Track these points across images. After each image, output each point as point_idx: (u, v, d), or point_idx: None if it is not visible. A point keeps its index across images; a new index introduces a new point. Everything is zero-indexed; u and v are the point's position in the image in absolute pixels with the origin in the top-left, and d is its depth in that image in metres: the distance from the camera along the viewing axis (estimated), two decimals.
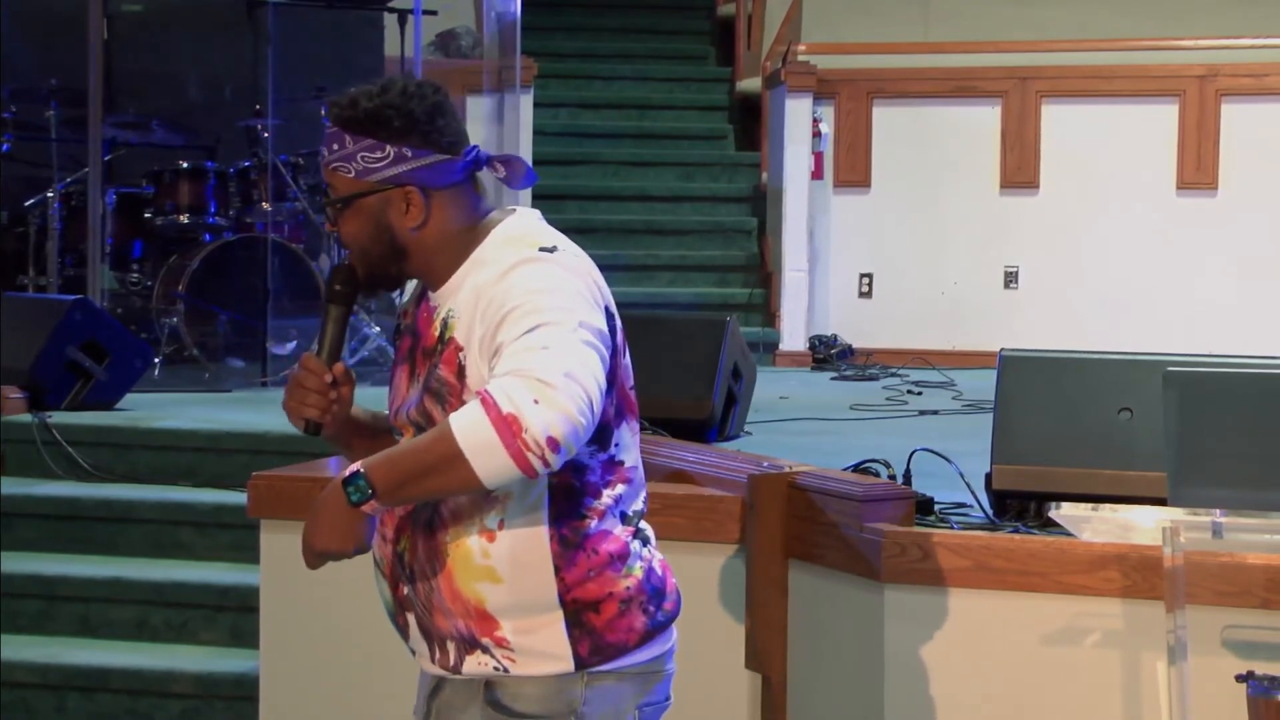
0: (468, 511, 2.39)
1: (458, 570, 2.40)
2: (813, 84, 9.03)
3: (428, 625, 2.46)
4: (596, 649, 2.40)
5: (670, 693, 2.53)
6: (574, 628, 2.40)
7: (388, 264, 2.46)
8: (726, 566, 3.77)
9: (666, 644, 2.50)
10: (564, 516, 2.39)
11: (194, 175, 7.56)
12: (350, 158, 2.41)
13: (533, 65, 8.92)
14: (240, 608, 5.06)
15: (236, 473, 5.33)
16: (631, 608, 2.43)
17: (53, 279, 7.47)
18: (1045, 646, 3.29)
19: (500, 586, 2.39)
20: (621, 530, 2.44)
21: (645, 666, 2.46)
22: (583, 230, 9.32)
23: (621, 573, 2.42)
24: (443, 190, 2.43)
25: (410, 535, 2.45)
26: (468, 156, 2.45)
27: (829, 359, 8.70)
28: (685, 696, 3.77)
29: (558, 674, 2.40)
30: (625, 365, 2.48)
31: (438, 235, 2.44)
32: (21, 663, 5.11)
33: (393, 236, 2.43)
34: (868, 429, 5.88)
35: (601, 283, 2.42)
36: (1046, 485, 3.51)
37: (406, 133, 2.40)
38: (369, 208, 2.43)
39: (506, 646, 2.40)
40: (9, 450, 5.94)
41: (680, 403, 4.80)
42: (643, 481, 2.52)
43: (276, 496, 4.09)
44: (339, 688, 3.97)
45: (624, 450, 2.47)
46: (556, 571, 2.38)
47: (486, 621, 2.40)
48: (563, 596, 2.39)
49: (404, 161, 2.41)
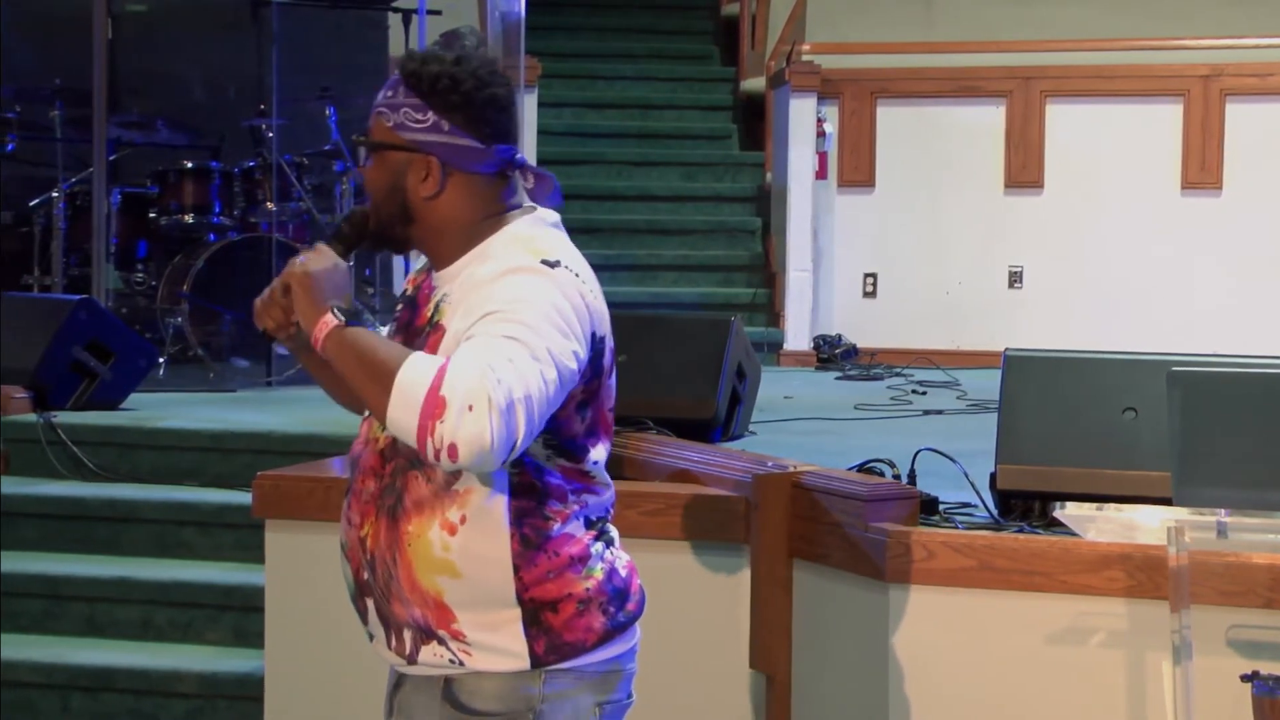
0: (430, 503, 2.39)
1: (417, 561, 2.40)
2: (817, 84, 9.03)
3: (385, 612, 2.46)
4: (553, 648, 2.41)
5: (632, 690, 2.53)
6: (531, 626, 2.40)
7: (395, 224, 2.48)
8: (731, 566, 3.77)
9: (629, 643, 2.51)
10: (526, 516, 2.39)
11: (198, 175, 7.57)
12: (395, 108, 2.44)
13: (537, 65, 8.92)
14: (244, 607, 5.06)
15: (241, 472, 5.34)
16: (590, 608, 2.43)
17: (57, 279, 7.48)
18: (1050, 646, 3.29)
19: (459, 581, 2.39)
20: (584, 534, 2.45)
21: (605, 666, 2.47)
22: (587, 230, 9.34)
23: (581, 574, 2.43)
24: (465, 174, 2.45)
25: (374, 521, 2.45)
26: (501, 154, 2.45)
27: (833, 359, 8.70)
28: (689, 696, 3.79)
29: (514, 671, 2.40)
30: (609, 386, 2.49)
31: (448, 213, 2.45)
32: (26, 662, 5.11)
33: (405, 198, 2.46)
34: (872, 429, 5.88)
35: (595, 303, 2.42)
36: (1051, 485, 3.51)
37: (453, 109, 2.42)
38: (393, 162, 2.46)
39: (463, 640, 2.41)
40: (14, 450, 5.94)
41: (684, 402, 4.80)
42: (612, 496, 2.53)
43: (281, 496, 4.09)
44: (343, 688, 3.97)
45: (598, 469, 2.48)
46: (515, 570, 2.39)
47: (444, 613, 2.40)
48: (520, 595, 2.39)
49: (438, 133, 2.42)
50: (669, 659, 3.71)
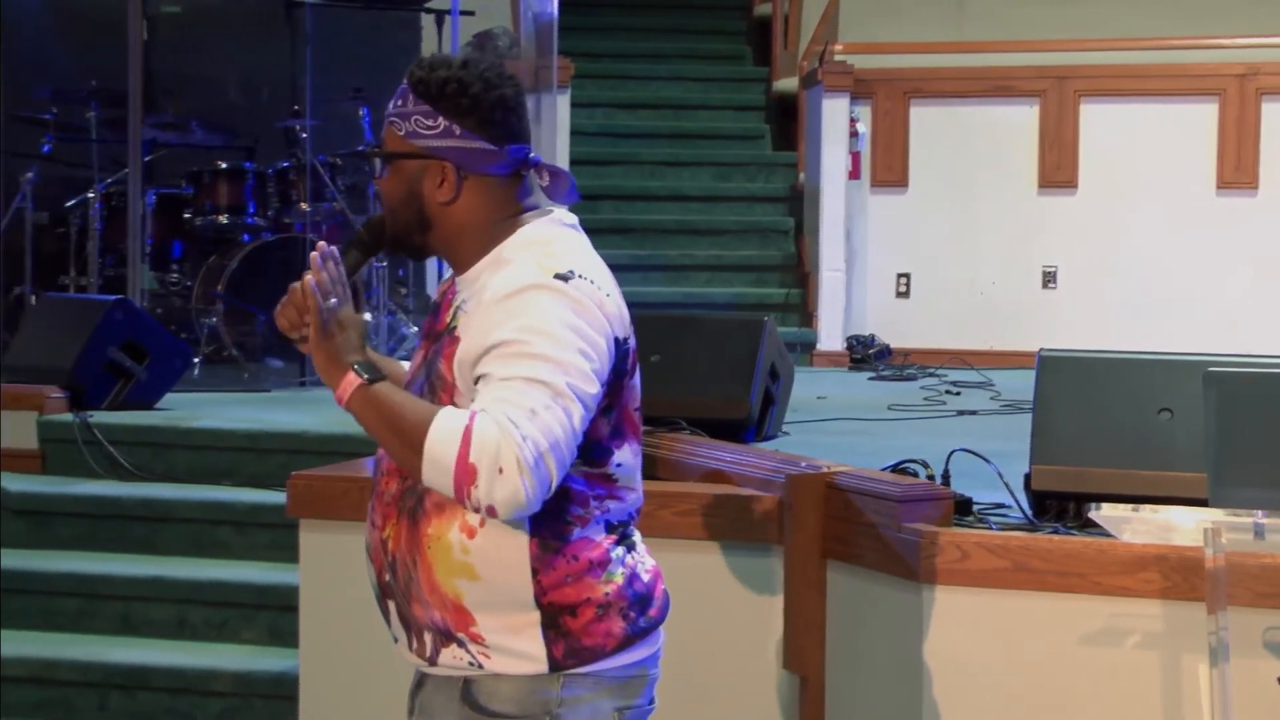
0: (450, 506, 2.39)
1: (437, 563, 2.41)
2: (849, 84, 9.02)
3: (406, 614, 2.47)
4: (571, 652, 2.41)
5: (654, 696, 2.53)
6: (549, 630, 2.40)
7: (412, 231, 2.50)
8: (764, 567, 3.77)
9: (652, 648, 2.51)
10: (545, 520, 2.39)
11: (233, 176, 7.60)
12: (406, 117, 2.46)
13: (569, 65, 8.92)
14: (279, 607, 5.08)
15: (275, 472, 5.35)
16: (610, 613, 2.43)
17: (93, 279, 7.52)
18: (1084, 648, 3.28)
19: (478, 584, 2.40)
20: (603, 537, 2.45)
21: (627, 671, 2.46)
22: (619, 230, 9.36)
23: (601, 579, 2.43)
24: (480, 177, 2.45)
25: (396, 523, 2.46)
26: (514, 154, 2.46)
27: (866, 359, 8.69)
28: (722, 696, 3.79)
29: (533, 674, 2.41)
30: (633, 386, 2.49)
31: (464, 218, 2.46)
32: (63, 661, 5.14)
33: (421, 205, 2.47)
34: (905, 429, 5.87)
35: (612, 308, 2.41)
36: (1086, 486, 3.50)
37: (464, 113, 2.43)
38: (407, 170, 2.47)
39: (481, 643, 2.41)
40: (50, 450, 5.98)
41: (717, 403, 4.80)
42: (639, 498, 2.53)
43: (315, 496, 4.11)
44: (377, 686, 3.98)
45: (623, 471, 2.48)
46: (534, 574, 2.39)
47: (463, 616, 2.41)
48: (539, 599, 2.40)
49: (450, 137, 2.44)
50: (701, 660, 3.72)
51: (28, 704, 5.13)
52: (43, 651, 5.19)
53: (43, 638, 5.30)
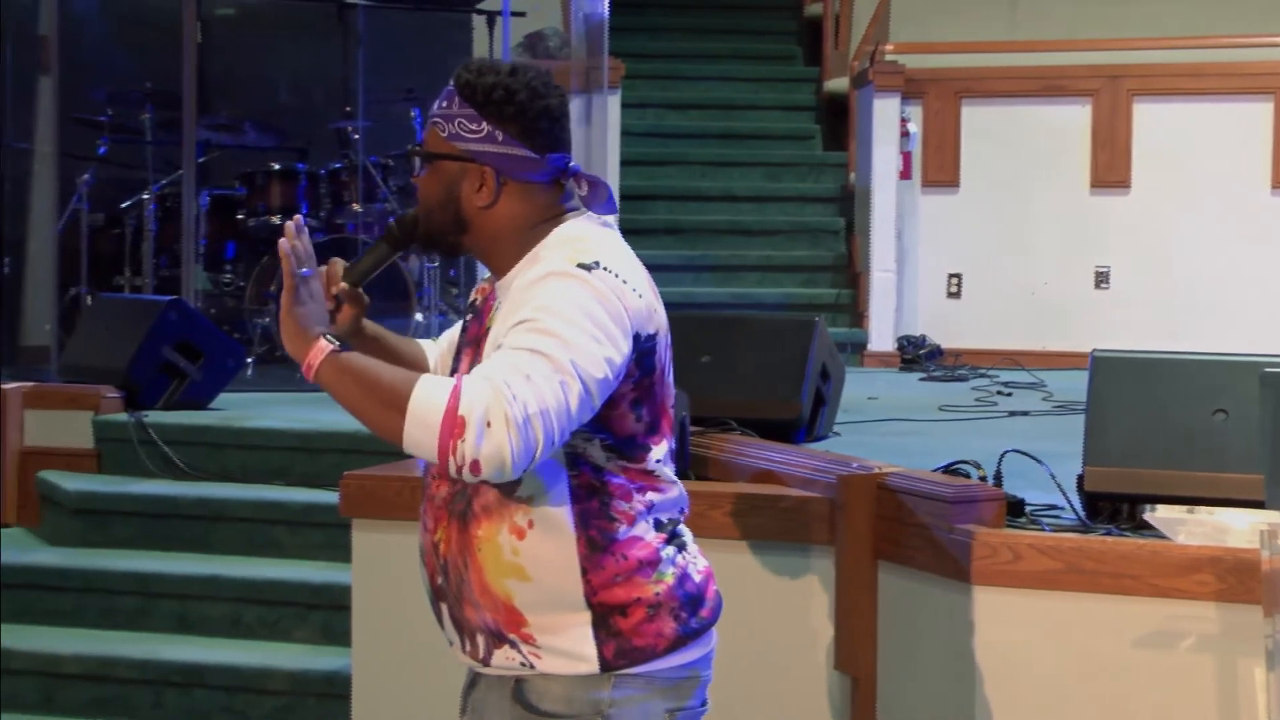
0: (498, 508, 2.41)
1: (488, 565, 2.42)
2: (900, 83, 8.99)
3: (459, 616, 2.49)
4: (622, 652, 2.41)
5: (707, 697, 2.53)
6: (600, 630, 2.41)
7: (448, 232, 2.51)
8: (815, 567, 3.77)
9: (703, 649, 2.51)
10: (591, 518, 2.40)
11: (285, 177, 7.65)
12: (450, 119, 2.47)
13: (620, 66, 8.93)
14: (332, 606, 5.10)
15: (327, 472, 5.38)
16: (660, 613, 2.44)
17: (148, 280, 7.58)
18: (1138, 650, 3.26)
19: (528, 584, 2.41)
20: (653, 536, 2.45)
21: (680, 672, 2.47)
22: (670, 231, 9.36)
23: (651, 578, 2.43)
24: (519, 184, 2.47)
25: (446, 525, 2.48)
26: (555, 163, 2.47)
27: (917, 359, 8.66)
28: (774, 697, 3.79)
29: (583, 674, 2.41)
30: (668, 384, 2.49)
31: (502, 223, 2.47)
32: (121, 658, 5.19)
33: (459, 208, 2.48)
34: (957, 430, 5.85)
35: (638, 303, 2.40)
36: (1139, 487, 3.48)
37: (508, 120, 2.45)
38: (447, 172, 2.49)
39: (533, 643, 2.42)
40: (106, 449, 6.03)
41: (768, 403, 4.79)
42: (683, 495, 2.53)
43: (368, 496, 4.13)
44: (429, 686, 3.99)
45: (660, 468, 2.48)
46: (583, 574, 2.40)
47: (514, 617, 2.42)
48: (589, 599, 2.40)
49: (493, 143, 2.45)
50: (752, 660, 3.72)
51: (85, 701, 5.18)
52: (101, 649, 5.24)
53: (101, 635, 5.35)
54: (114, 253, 7.77)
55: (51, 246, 7.59)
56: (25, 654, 5.25)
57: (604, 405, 2.37)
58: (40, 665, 5.23)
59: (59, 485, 5.90)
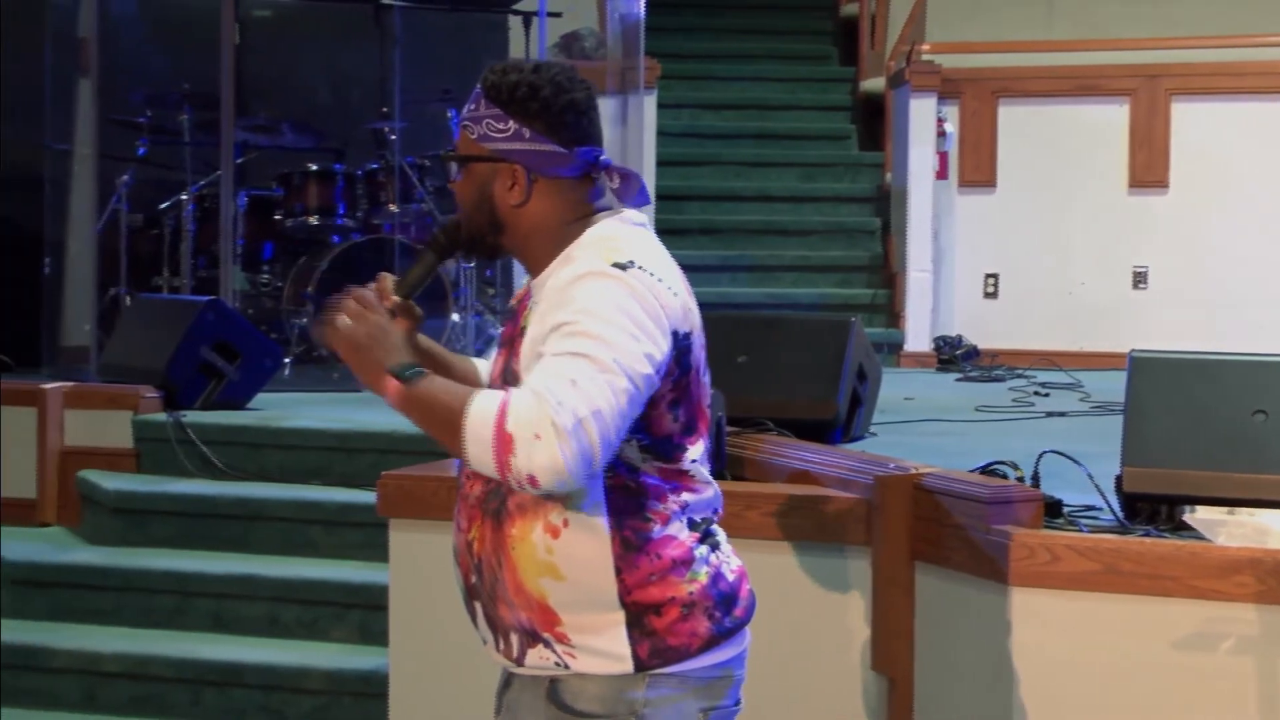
0: (533, 506, 2.41)
1: (522, 564, 2.43)
2: (937, 83, 8.97)
3: (493, 615, 2.49)
4: (656, 652, 2.42)
5: (740, 697, 2.53)
6: (634, 629, 2.41)
7: (485, 232, 2.52)
8: (851, 568, 3.76)
9: (738, 648, 2.51)
10: (626, 517, 2.41)
11: (322, 177, 7.67)
12: (478, 120, 2.49)
13: (656, 66, 8.93)
14: (369, 605, 5.11)
15: (365, 472, 5.40)
16: (695, 613, 2.44)
17: (186, 280, 7.61)
18: (1177, 652, 3.25)
19: (562, 583, 2.41)
20: (687, 536, 2.45)
21: (713, 672, 2.47)
22: (705, 231, 9.36)
23: (685, 578, 2.43)
24: (550, 180, 2.48)
25: (480, 525, 2.48)
26: (584, 157, 2.48)
27: (954, 360, 8.64)
28: (810, 697, 3.78)
29: (618, 674, 2.41)
30: (704, 384, 2.49)
31: (536, 220, 2.48)
32: (158, 657, 5.21)
33: (493, 208, 2.50)
34: (994, 431, 5.83)
35: (674, 301, 2.40)
36: (1178, 488, 3.46)
37: (534, 116, 2.46)
38: (479, 174, 2.50)
39: (567, 643, 2.42)
40: (145, 449, 6.06)
41: (805, 403, 4.79)
42: (717, 495, 2.53)
43: (405, 496, 4.14)
44: (466, 685, 4.00)
45: (695, 467, 2.48)
46: (618, 573, 2.40)
47: (548, 616, 2.42)
48: (623, 598, 2.41)
49: (521, 140, 2.46)
50: (788, 661, 3.72)
51: (124, 699, 5.21)
52: (139, 648, 5.26)
53: (139, 634, 5.38)
54: (152, 253, 7.81)
55: (91, 247, 7.62)
56: (66, 652, 5.28)
57: (643, 408, 2.37)
58: (81, 664, 5.26)
59: (99, 485, 5.93)
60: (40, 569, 5.66)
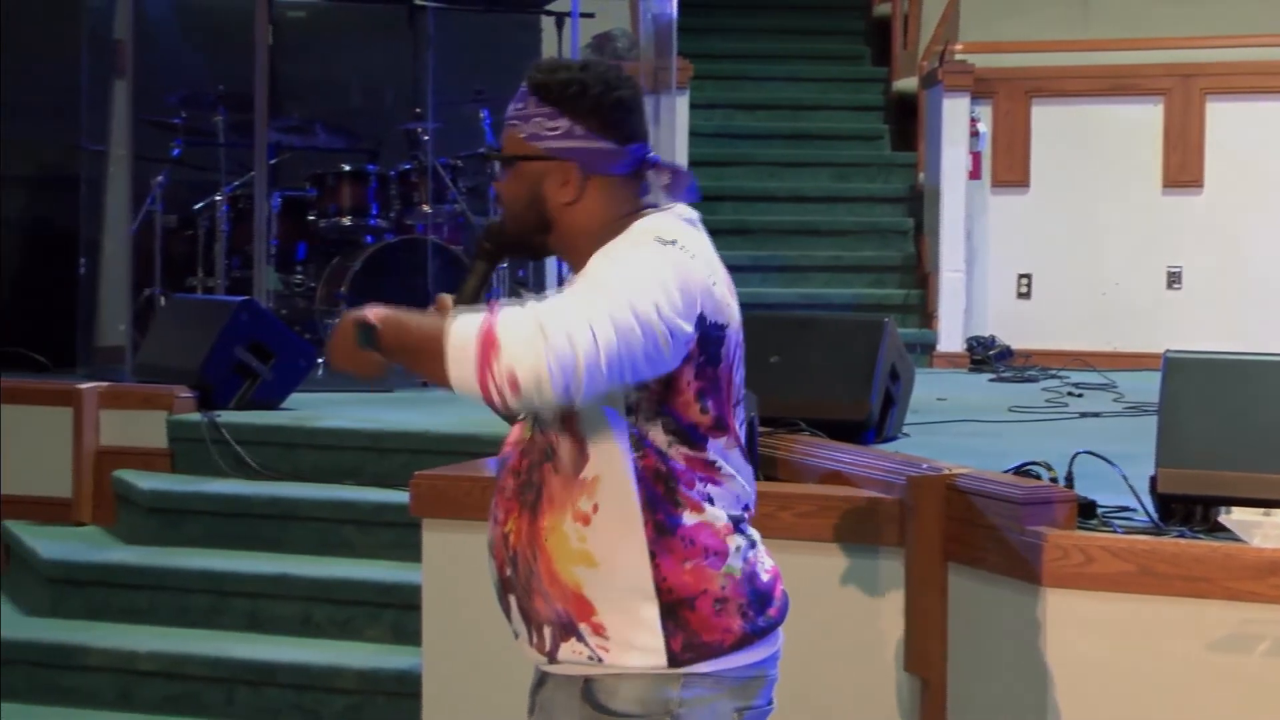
0: (562, 495, 2.42)
1: (556, 553, 2.43)
2: (970, 83, 8.95)
3: (527, 608, 2.49)
4: (690, 645, 2.41)
5: (773, 697, 2.53)
6: (668, 621, 2.41)
7: (533, 232, 2.52)
8: (884, 569, 3.76)
9: (771, 648, 2.51)
10: (658, 502, 2.40)
11: (356, 178, 7.69)
12: (527, 119, 2.48)
13: (688, 67, 8.93)
14: (402, 605, 5.12)
15: (398, 472, 5.40)
16: (728, 608, 2.44)
17: (220, 280, 7.64)
18: (1212, 654, 3.23)
19: (596, 571, 2.41)
20: (721, 526, 2.44)
21: (747, 672, 2.47)
22: (738, 231, 9.36)
23: (720, 570, 2.43)
24: (601, 177, 2.48)
25: (517, 518, 2.49)
26: (635, 153, 2.49)
27: (987, 360, 8.62)
28: (842, 698, 3.78)
29: (653, 672, 2.41)
30: (737, 384, 2.48)
31: (586, 218, 2.48)
32: (193, 656, 5.23)
33: (543, 207, 2.50)
34: (1027, 431, 5.82)
35: (707, 286, 2.40)
36: (1214, 489, 3.45)
37: (585, 114, 2.46)
38: (529, 173, 2.50)
39: (601, 635, 2.42)
40: (179, 449, 6.09)
41: (838, 404, 4.79)
42: (746, 491, 2.51)
43: (438, 496, 4.15)
44: (500, 685, 4.01)
45: (721, 459, 2.46)
46: (651, 558, 2.40)
47: (583, 606, 2.42)
48: (659, 585, 2.40)
49: (573, 138, 2.47)
50: (821, 661, 3.71)
51: (159, 698, 5.23)
52: (174, 647, 5.28)
53: (174, 633, 5.40)
54: (187, 254, 7.84)
55: (126, 248, 7.66)
56: (101, 651, 5.31)
57: (667, 388, 2.37)
58: (116, 662, 5.28)
59: (134, 484, 5.96)
60: (76, 568, 5.70)
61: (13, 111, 8.10)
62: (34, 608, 5.73)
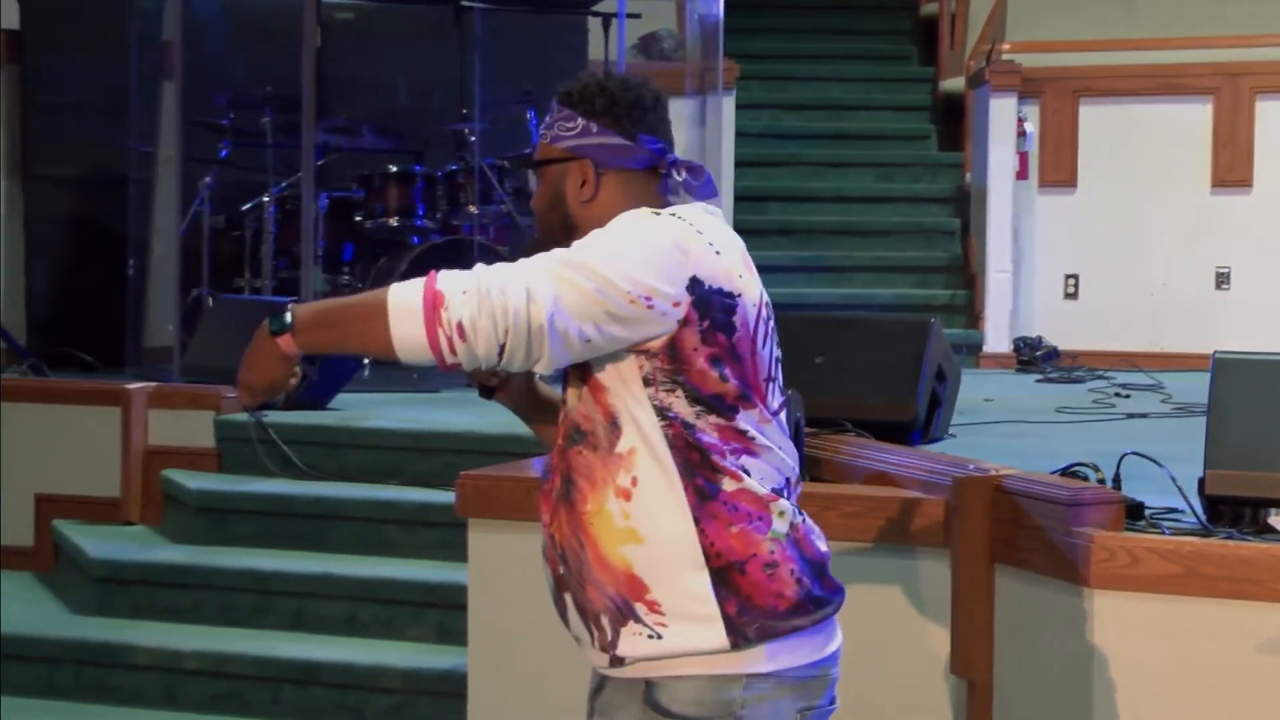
0: (600, 473, 2.43)
1: (602, 538, 2.44)
2: (1017, 83, 8.92)
3: (582, 601, 2.49)
4: (744, 609, 2.41)
5: (835, 695, 2.52)
6: (720, 586, 2.40)
7: (559, 236, 2.53)
8: (930, 570, 3.75)
9: (832, 644, 2.50)
10: (694, 468, 2.40)
11: (402, 179, 7.71)
12: (551, 124, 2.55)
13: (734, 67, 8.93)
14: (446, 605, 5.13)
15: (442, 471, 5.42)
16: (779, 572, 2.42)
17: (267, 281, 7.67)
18: (1261, 656, 3.21)
19: (643, 546, 2.41)
20: (762, 492, 2.43)
21: (807, 671, 2.46)
22: (783, 231, 9.35)
23: (766, 535, 2.42)
24: (615, 172, 2.52)
25: (556, 513, 2.50)
26: (647, 144, 2.52)
27: (1033, 361, 8.59)
28: (890, 700, 3.77)
29: (715, 672, 2.41)
30: (762, 355, 2.46)
31: (603, 214, 2.49)
32: (238, 655, 5.26)
33: (565, 208, 2.54)
34: (1074, 432, 5.79)
35: (703, 252, 2.39)
36: (1263, 491, 3.42)
37: (601, 111, 2.51)
38: (552, 176, 2.55)
39: (658, 611, 2.42)
40: (227, 449, 6.12)
41: (884, 404, 4.77)
42: (786, 465, 2.50)
43: (484, 496, 4.16)
44: (545, 686, 4.02)
45: (759, 434, 2.45)
46: (696, 523, 2.40)
47: (635, 585, 2.42)
48: (707, 551, 2.40)
49: (588, 135, 2.51)
50: (867, 663, 3.70)
51: (205, 697, 5.26)
52: (220, 646, 5.31)
53: (219, 632, 5.43)
54: (234, 254, 7.87)
55: (174, 248, 7.69)
56: (148, 650, 5.34)
57: (674, 357, 2.37)
58: (163, 661, 5.31)
59: (181, 484, 6.00)
60: (123, 567, 5.73)
61: (62, 113, 8.16)
62: (81, 607, 5.77)
